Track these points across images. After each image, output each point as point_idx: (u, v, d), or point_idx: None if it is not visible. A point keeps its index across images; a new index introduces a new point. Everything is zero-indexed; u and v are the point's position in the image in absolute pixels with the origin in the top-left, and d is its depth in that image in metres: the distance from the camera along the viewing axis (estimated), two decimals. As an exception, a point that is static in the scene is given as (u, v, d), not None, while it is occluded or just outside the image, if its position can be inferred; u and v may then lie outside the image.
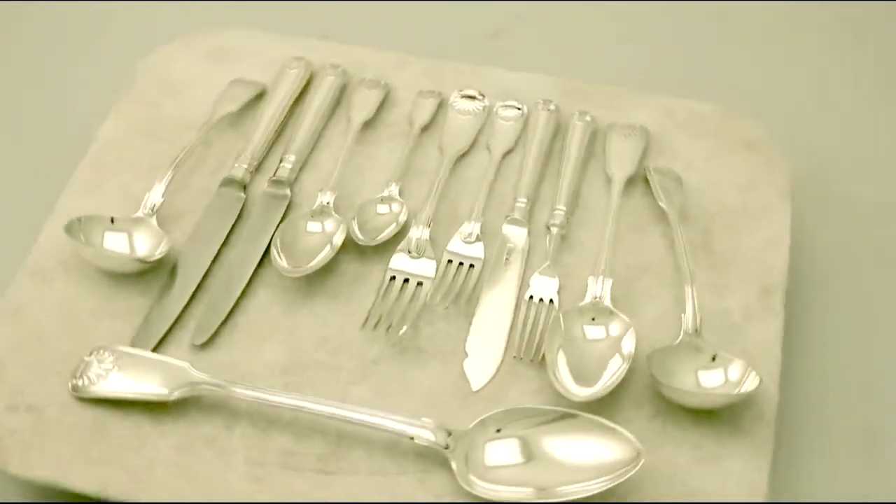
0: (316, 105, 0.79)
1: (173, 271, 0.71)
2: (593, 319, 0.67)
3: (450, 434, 0.62)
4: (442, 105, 0.80)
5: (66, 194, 0.76)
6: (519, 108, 0.79)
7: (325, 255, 0.70)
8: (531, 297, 0.69)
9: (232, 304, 0.69)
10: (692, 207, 0.74)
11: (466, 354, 0.67)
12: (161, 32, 0.87)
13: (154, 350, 0.67)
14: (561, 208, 0.73)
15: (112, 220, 0.71)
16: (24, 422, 0.65)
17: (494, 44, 0.92)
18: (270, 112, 0.79)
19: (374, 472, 0.63)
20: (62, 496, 0.63)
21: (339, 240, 0.71)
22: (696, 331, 0.66)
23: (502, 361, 0.67)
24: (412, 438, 0.62)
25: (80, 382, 0.66)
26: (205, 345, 0.68)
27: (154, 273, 0.71)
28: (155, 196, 0.73)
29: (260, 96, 0.80)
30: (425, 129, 0.79)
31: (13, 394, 0.66)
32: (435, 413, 0.65)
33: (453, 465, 0.62)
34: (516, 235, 0.72)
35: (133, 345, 0.67)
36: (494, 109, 0.79)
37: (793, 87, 0.89)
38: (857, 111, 0.87)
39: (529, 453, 0.61)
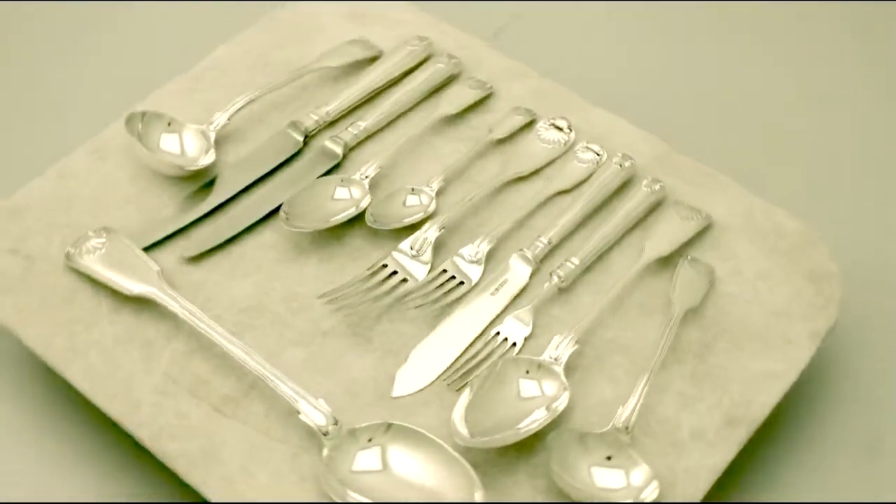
0: (412, 85, 0.80)
1: (206, 186, 0.75)
2: (527, 372, 0.65)
3: (336, 423, 0.63)
4: (530, 126, 0.79)
5: (160, 91, 0.81)
6: (598, 155, 0.77)
7: (330, 221, 0.72)
8: (497, 333, 0.68)
9: (233, 233, 0.72)
10: (712, 311, 0.69)
11: (406, 361, 0.67)
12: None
13: (148, 248, 0.72)
14: (573, 262, 0.70)
15: (169, 123, 0.76)
16: (16, 266, 0.71)
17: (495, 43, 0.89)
18: (368, 78, 0.80)
19: (260, 430, 0.64)
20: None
21: (350, 213, 0.72)
22: (627, 428, 0.62)
23: (434, 382, 0.66)
24: (299, 413, 0.63)
25: (72, 251, 0.71)
26: (192, 259, 0.72)
27: (193, 181, 0.76)
28: (223, 116, 0.77)
29: (371, 60, 0.82)
30: (500, 142, 0.78)
31: (21, 239, 0.72)
32: (347, 401, 0.65)
33: (323, 453, 0.62)
34: (518, 271, 0.70)
35: (133, 236, 0.72)
36: (575, 147, 0.77)
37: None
38: None
39: (387, 471, 0.61)
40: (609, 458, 0.61)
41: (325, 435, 0.62)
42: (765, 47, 0.94)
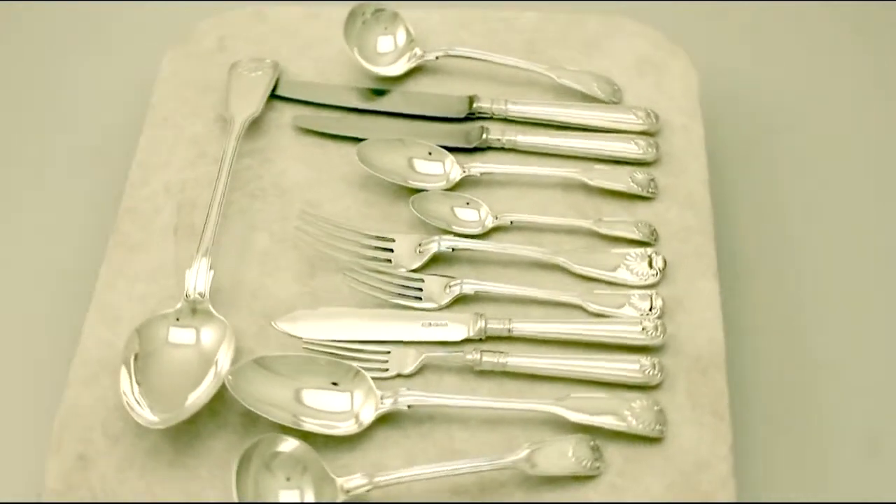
0: (589, 142, 0.77)
1: (376, 92, 0.81)
2: (335, 384, 0.65)
3: (201, 298, 0.68)
4: (636, 244, 0.73)
5: (447, 10, 0.86)
6: (651, 311, 0.69)
7: (400, 179, 0.75)
8: (389, 352, 0.68)
9: (337, 133, 0.78)
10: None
11: (312, 309, 0.70)
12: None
13: (283, 99, 0.80)
14: (503, 361, 0.66)
15: (386, 27, 0.82)
16: (210, 48, 0.84)
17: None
18: (568, 110, 0.79)
19: (176, 262, 0.72)
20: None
21: (417, 184, 0.75)
22: (348, 491, 0.61)
23: (302, 339, 0.68)
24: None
25: (240, 63, 0.82)
26: (296, 127, 0.79)
27: (374, 83, 0.82)
28: (437, 53, 0.81)
29: (600, 102, 0.80)
30: (599, 236, 0.73)
31: (234, 36, 0.85)
32: (242, 298, 0.71)
33: (170, 310, 0.68)
34: (459, 327, 0.68)
35: (284, 83, 0.81)
36: (641, 291, 0.71)
37: None
38: None
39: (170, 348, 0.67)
40: (288, 479, 0.61)
41: (185, 297, 0.68)
42: None
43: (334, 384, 0.65)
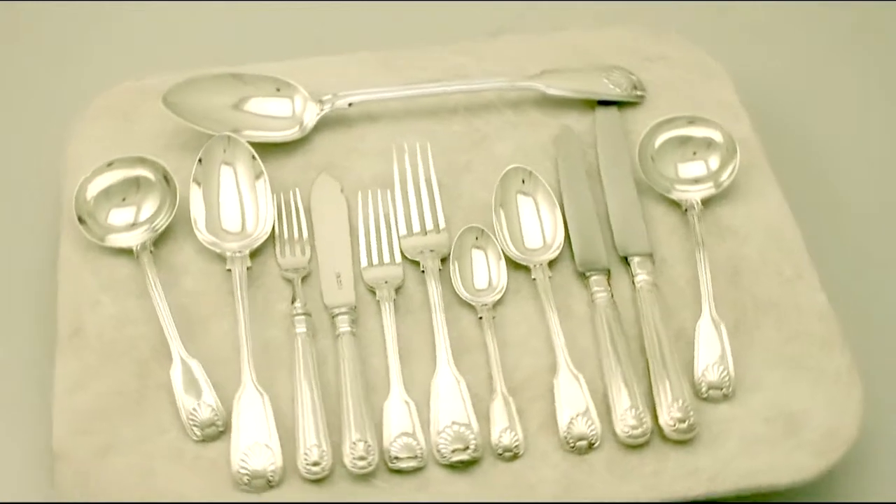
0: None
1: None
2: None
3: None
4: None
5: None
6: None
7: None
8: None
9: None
10: None
11: (340, 192, 0.75)
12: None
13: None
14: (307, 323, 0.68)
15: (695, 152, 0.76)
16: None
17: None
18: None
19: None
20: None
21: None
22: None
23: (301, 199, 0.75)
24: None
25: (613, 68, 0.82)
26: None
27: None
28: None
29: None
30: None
31: None
32: (341, 143, 0.78)
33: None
34: (339, 294, 0.70)
35: (606, 110, 0.80)
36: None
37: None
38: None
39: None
40: (124, 199, 0.73)
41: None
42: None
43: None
